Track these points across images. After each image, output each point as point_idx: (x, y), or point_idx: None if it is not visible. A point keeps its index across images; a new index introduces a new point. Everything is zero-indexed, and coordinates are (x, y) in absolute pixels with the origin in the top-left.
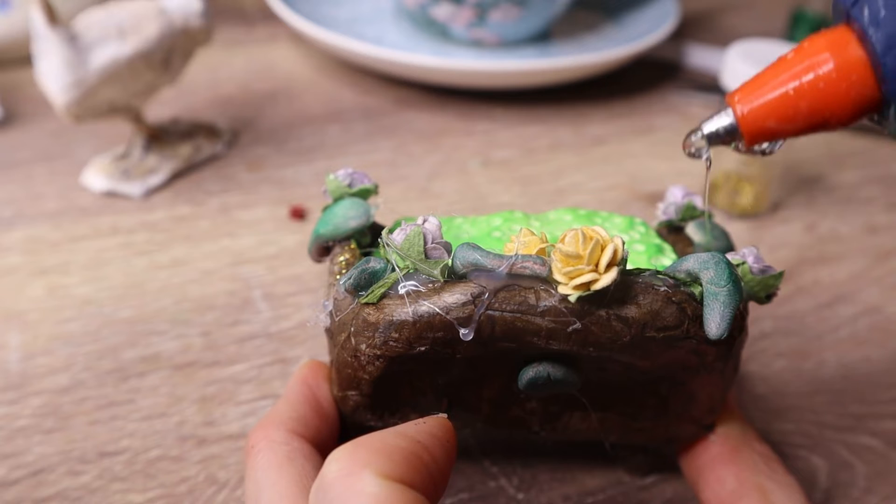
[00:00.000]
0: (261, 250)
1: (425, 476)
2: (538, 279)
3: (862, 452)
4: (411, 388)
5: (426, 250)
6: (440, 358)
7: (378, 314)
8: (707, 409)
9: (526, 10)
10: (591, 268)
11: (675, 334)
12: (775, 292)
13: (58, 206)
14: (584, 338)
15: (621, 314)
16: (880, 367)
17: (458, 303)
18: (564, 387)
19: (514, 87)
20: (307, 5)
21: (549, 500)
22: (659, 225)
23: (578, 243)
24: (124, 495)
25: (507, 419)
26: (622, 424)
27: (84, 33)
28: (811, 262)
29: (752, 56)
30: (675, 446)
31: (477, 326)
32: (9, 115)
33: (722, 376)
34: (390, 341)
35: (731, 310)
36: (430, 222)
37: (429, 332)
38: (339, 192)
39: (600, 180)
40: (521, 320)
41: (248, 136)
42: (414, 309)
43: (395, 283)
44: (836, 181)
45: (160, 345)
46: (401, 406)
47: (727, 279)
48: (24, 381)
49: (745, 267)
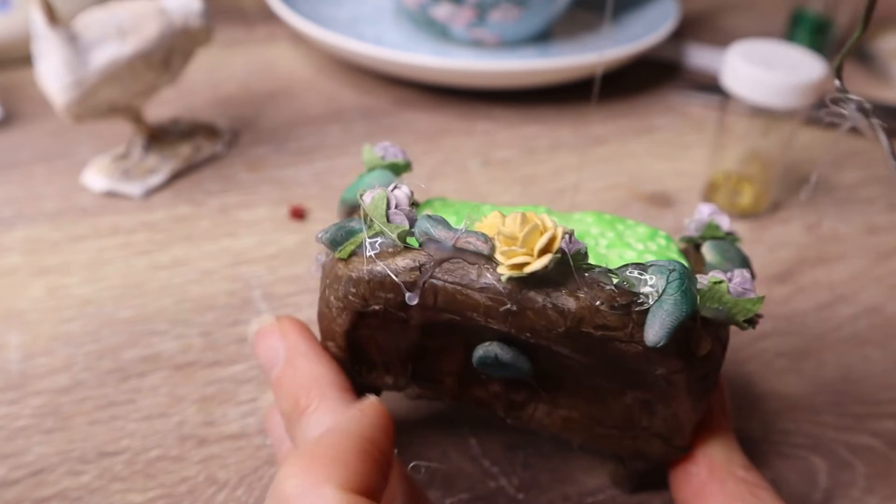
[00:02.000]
0: (261, 250)
1: (378, 472)
2: (482, 256)
3: (862, 452)
4: (379, 349)
5: (388, 214)
6: (397, 320)
7: (344, 269)
8: (673, 428)
9: (526, 10)
10: (524, 250)
11: (617, 336)
12: (757, 319)
13: (58, 206)
14: (521, 322)
15: (558, 304)
16: (880, 367)
17: (406, 267)
18: (514, 371)
19: (514, 87)
20: (307, 5)
21: (549, 500)
22: (681, 240)
23: (517, 225)
24: (124, 495)
25: (472, 398)
26: (586, 427)
27: (84, 33)
28: (811, 262)
29: (752, 56)
30: (650, 463)
31: (422, 293)
32: (9, 115)
33: (689, 395)
34: (349, 295)
35: (672, 319)
36: (400, 189)
37: (381, 292)
38: (372, 164)
39: (600, 180)
40: (461, 293)
41: (248, 136)
42: (370, 268)
43: (363, 243)
44: (836, 181)
45: (160, 345)
46: (375, 366)
47: (675, 288)
48: (24, 381)
49: (722, 286)
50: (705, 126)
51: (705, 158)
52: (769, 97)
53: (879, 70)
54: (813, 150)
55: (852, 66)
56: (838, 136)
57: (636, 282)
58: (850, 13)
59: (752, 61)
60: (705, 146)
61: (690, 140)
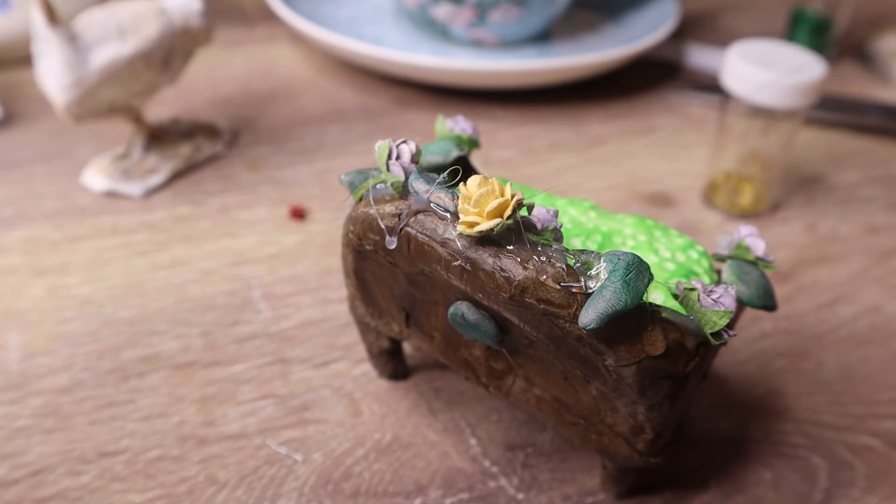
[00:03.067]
0: (261, 250)
1: None
2: (448, 213)
3: (862, 452)
4: (381, 294)
5: (388, 164)
6: (389, 266)
7: (353, 210)
8: (634, 430)
9: (526, 10)
10: (476, 211)
11: (561, 314)
12: (724, 336)
13: (58, 206)
14: (474, 281)
15: (506, 269)
16: (880, 367)
17: (389, 213)
18: (481, 333)
19: (514, 87)
20: (307, 5)
21: (549, 500)
22: (712, 257)
23: (474, 187)
24: (124, 495)
25: (457, 358)
26: (556, 412)
27: (84, 33)
28: (811, 262)
29: (752, 56)
30: (619, 464)
31: (399, 239)
32: (9, 115)
33: (643, 396)
34: (350, 234)
35: (608, 306)
36: (406, 144)
37: (370, 233)
38: (441, 134)
39: (600, 180)
40: (428, 245)
41: (248, 136)
42: (365, 210)
43: (371, 188)
44: (836, 181)
45: (160, 345)
46: (382, 311)
47: (619, 277)
48: (24, 381)
49: (693, 294)
50: (705, 126)
51: (705, 158)
52: (769, 97)
53: (879, 70)
54: (813, 149)
55: (852, 66)
56: (838, 135)
57: (592, 267)
58: (850, 13)
59: (752, 61)
60: (705, 146)
61: (690, 140)
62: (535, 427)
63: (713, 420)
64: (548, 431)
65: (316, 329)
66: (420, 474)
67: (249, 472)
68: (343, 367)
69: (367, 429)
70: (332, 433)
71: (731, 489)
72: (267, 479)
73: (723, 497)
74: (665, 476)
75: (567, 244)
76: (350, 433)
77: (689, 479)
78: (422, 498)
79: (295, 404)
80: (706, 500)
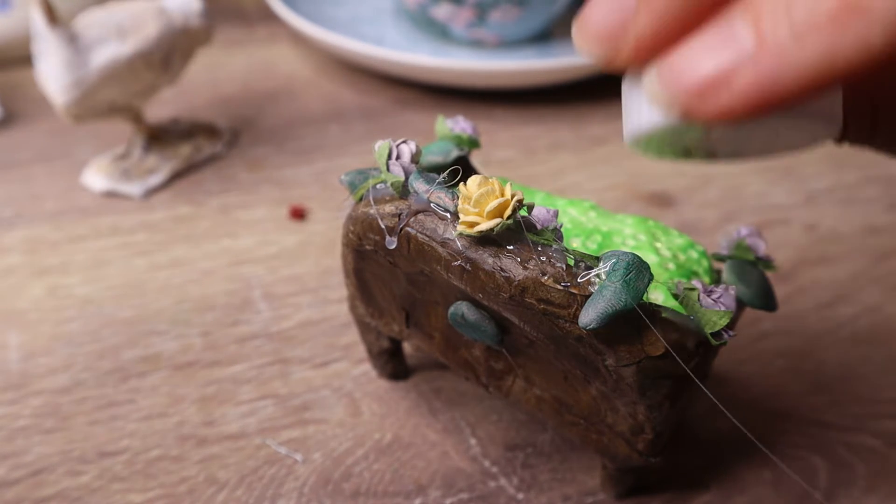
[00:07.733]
0: (261, 250)
1: None
2: (449, 213)
3: (862, 452)
4: (381, 294)
5: (388, 164)
6: (388, 266)
7: (353, 210)
8: (635, 430)
9: (526, 10)
10: (476, 211)
11: (561, 314)
12: (724, 336)
13: (58, 206)
14: (474, 281)
15: (506, 269)
16: (880, 367)
17: (389, 213)
18: (481, 333)
19: (514, 87)
20: (307, 5)
21: (549, 500)
22: (713, 256)
23: (474, 187)
24: (124, 495)
25: (457, 358)
26: (556, 412)
27: (84, 33)
28: (811, 262)
29: None
30: (618, 464)
31: (399, 239)
32: (9, 115)
33: (643, 396)
34: (349, 234)
35: (608, 306)
36: (406, 144)
37: (371, 233)
38: (441, 134)
39: (600, 180)
40: (428, 245)
41: (248, 136)
42: (364, 210)
43: (371, 188)
44: (836, 181)
45: (160, 345)
46: (382, 311)
47: (619, 277)
48: (24, 381)
49: (693, 294)
50: None
51: None
52: None
53: None
54: (813, 149)
55: None
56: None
57: (592, 267)
58: None
59: None
60: None
61: None
62: (535, 427)
63: (713, 420)
64: (548, 431)
65: (316, 329)
66: (420, 474)
67: (249, 472)
68: (343, 367)
69: (367, 429)
70: (332, 433)
71: (731, 489)
72: (267, 479)
73: (723, 497)
74: (665, 476)
75: (567, 244)
76: (350, 433)
77: (689, 479)
78: (422, 498)
79: (295, 404)
80: (706, 500)
